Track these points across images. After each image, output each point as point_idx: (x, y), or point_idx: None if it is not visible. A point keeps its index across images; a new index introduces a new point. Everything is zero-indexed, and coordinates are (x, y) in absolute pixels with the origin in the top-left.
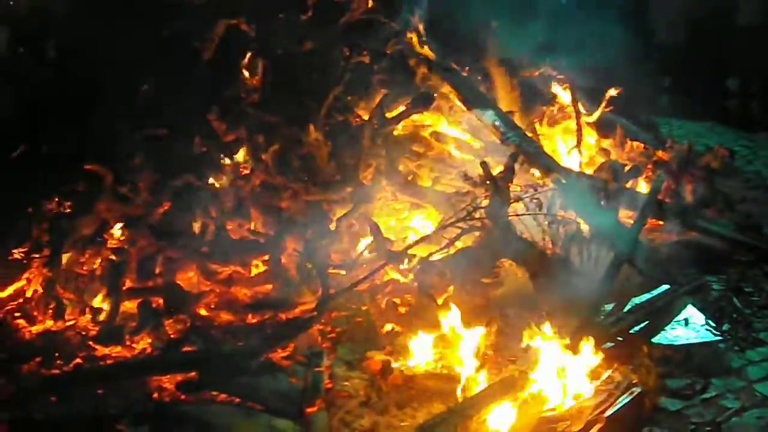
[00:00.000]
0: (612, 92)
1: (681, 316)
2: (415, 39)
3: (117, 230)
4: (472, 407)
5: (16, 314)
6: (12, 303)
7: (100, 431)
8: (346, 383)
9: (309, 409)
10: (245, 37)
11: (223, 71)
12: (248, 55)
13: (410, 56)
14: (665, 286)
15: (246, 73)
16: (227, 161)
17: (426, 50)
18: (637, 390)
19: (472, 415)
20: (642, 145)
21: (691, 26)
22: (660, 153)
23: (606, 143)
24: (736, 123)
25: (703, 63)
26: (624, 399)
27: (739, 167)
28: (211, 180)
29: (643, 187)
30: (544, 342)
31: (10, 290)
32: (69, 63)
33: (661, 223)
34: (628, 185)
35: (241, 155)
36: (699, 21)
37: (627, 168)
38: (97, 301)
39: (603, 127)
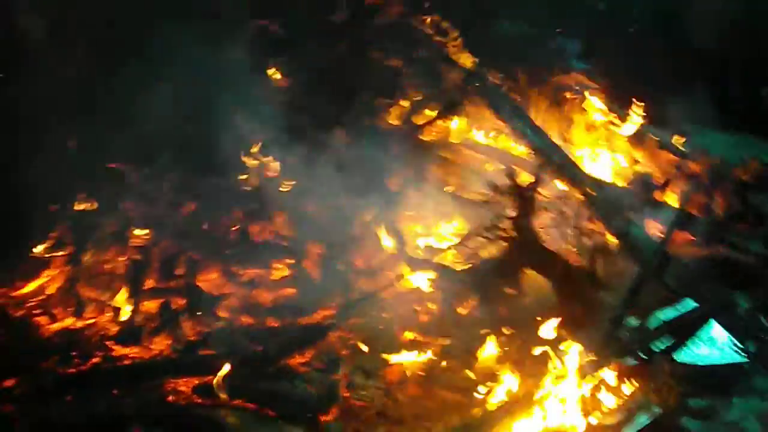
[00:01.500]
0: (643, 102)
1: (706, 334)
2: (451, 45)
3: (140, 230)
4: (489, 422)
5: (37, 311)
6: (33, 300)
7: None
8: (363, 392)
9: (324, 418)
10: (275, 37)
11: (253, 71)
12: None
13: (444, 62)
14: (692, 303)
15: (276, 74)
16: (253, 162)
17: (463, 58)
18: (657, 410)
19: (488, 430)
20: (674, 156)
21: (727, 33)
22: (692, 165)
23: (637, 154)
24: None
25: (739, 71)
26: (643, 419)
27: None
28: (236, 182)
29: (673, 199)
30: (565, 356)
31: (31, 287)
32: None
33: (690, 237)
34: (658, 197)
35: (267, 157)
36: (735, 27)
37: (657, 180)
38: (118, 301)
39: (635, 137)
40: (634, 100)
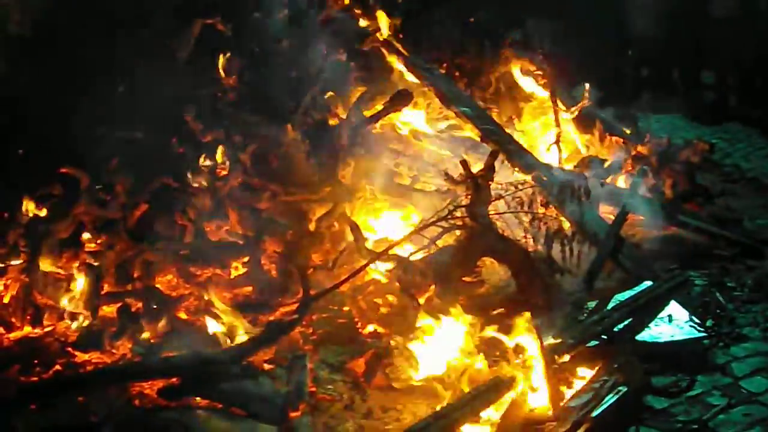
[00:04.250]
0: (589, 87)
1: (664, 313)
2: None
3: (95, 234)
4: (459, 410)
5: None
6: None
7: None
8: (330, 386)
9: (292, 414)
10: (221, 36)
11: (200, 71)
12: (224, 54)
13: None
14: (648, 283)
15: (222, 73)
16: (205, 162)
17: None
18: (622, 389)
19: (458, 418)
20: (621, 139)
21: (666, 18)
22: (639, 147)
23: (585, 138)
24: (712, 116)
25: (678, 56)
26: (610, 398)
27: (717, 160)
28: (188, 181)
29: (623, 182)
30: (529, 342)
31: None
32: (44, 65)
33: (641, 218)
34: (608, 180)
35: (218, 156)
36: (674, 13)
37: (607, 163)
38: (76, 307)
39: (582, 122)
40: (580, 84)
